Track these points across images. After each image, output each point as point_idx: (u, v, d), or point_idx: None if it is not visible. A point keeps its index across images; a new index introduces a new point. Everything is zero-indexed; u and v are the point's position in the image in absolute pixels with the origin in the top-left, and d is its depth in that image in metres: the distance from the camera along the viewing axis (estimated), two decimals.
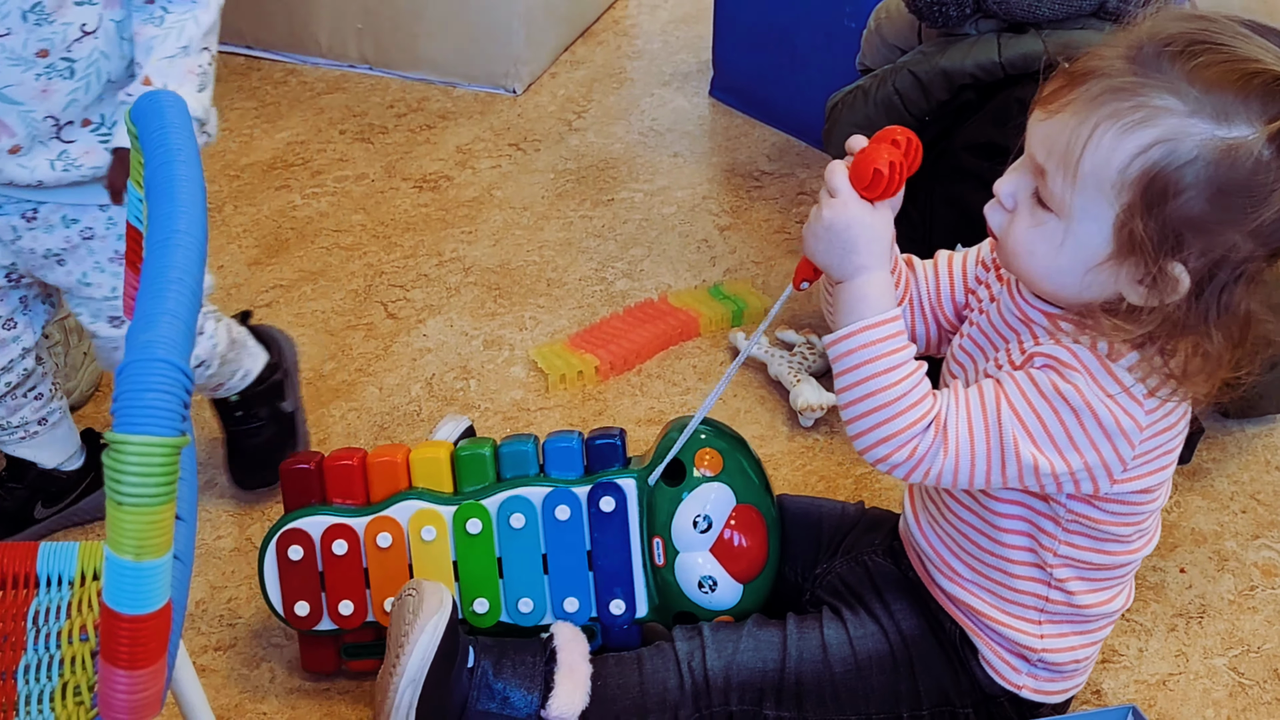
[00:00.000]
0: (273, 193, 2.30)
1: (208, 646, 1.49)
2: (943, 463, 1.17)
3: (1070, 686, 1.33)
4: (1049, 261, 1.13)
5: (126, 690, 0.69)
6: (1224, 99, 1.04)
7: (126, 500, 0.64)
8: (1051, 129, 1.10)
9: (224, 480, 1.71)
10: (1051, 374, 1.14)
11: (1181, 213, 1.05)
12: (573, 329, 1.99)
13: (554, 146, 2.47)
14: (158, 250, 0.71)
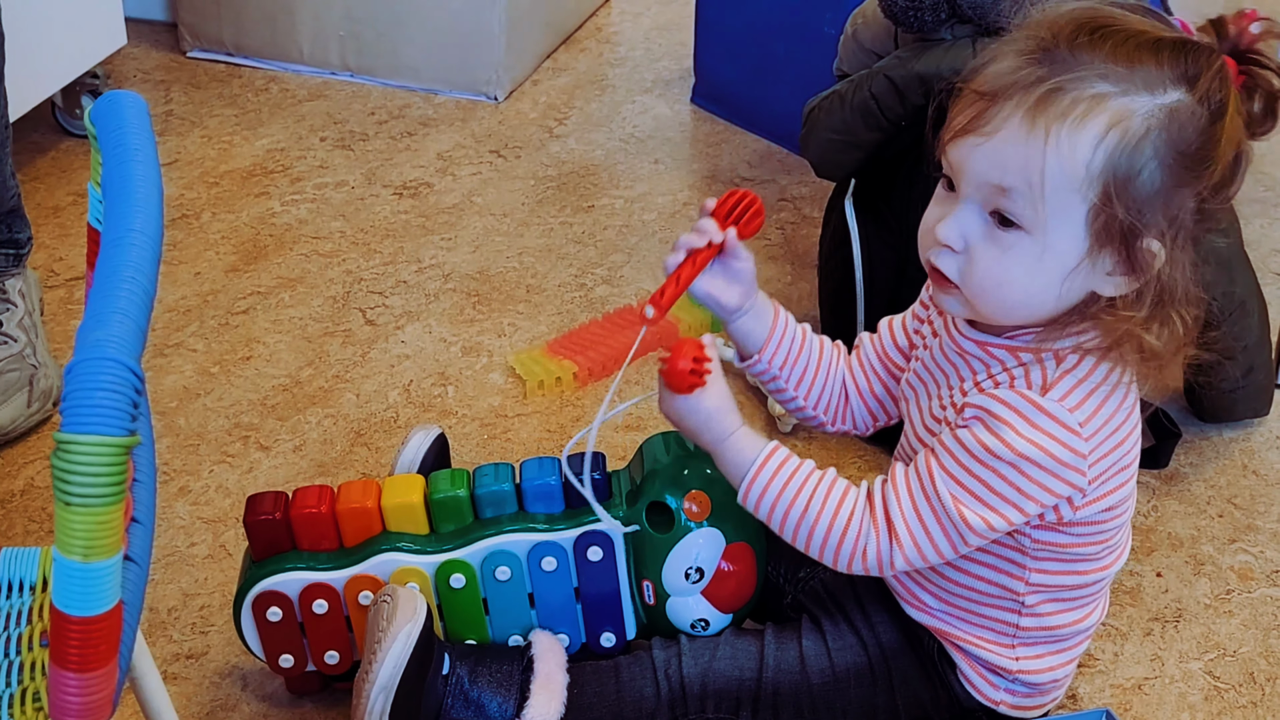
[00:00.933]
0: (252, 200, 2.30)
1: (179, 654, 1.48)
2: (902, 552, 1.18)
3: (1048, 700, 1.33)
4: (1026, 283, 1.12)
5: (77, 693, 0.68)
6: (1146, 70, 1.08)
7: (74, 500, 0.63)
8: (997, 149, 1.10)
9: (198, 486, 1.71)
10: (979, 428, 1.15)
11: (1147, 188, 1.08)
12: (551, 335, 1.99)
13: (535, 153, 2.46)
14: (112, 249, 0.71)
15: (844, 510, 1.19)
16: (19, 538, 1.62)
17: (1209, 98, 1.07)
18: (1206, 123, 1.08)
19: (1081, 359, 1.15)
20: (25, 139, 2.41)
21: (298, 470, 1.74)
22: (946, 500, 1.16)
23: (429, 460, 1.51)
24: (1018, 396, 1.14)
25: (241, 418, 1.83)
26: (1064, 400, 1.13)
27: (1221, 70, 1.08)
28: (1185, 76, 1.08)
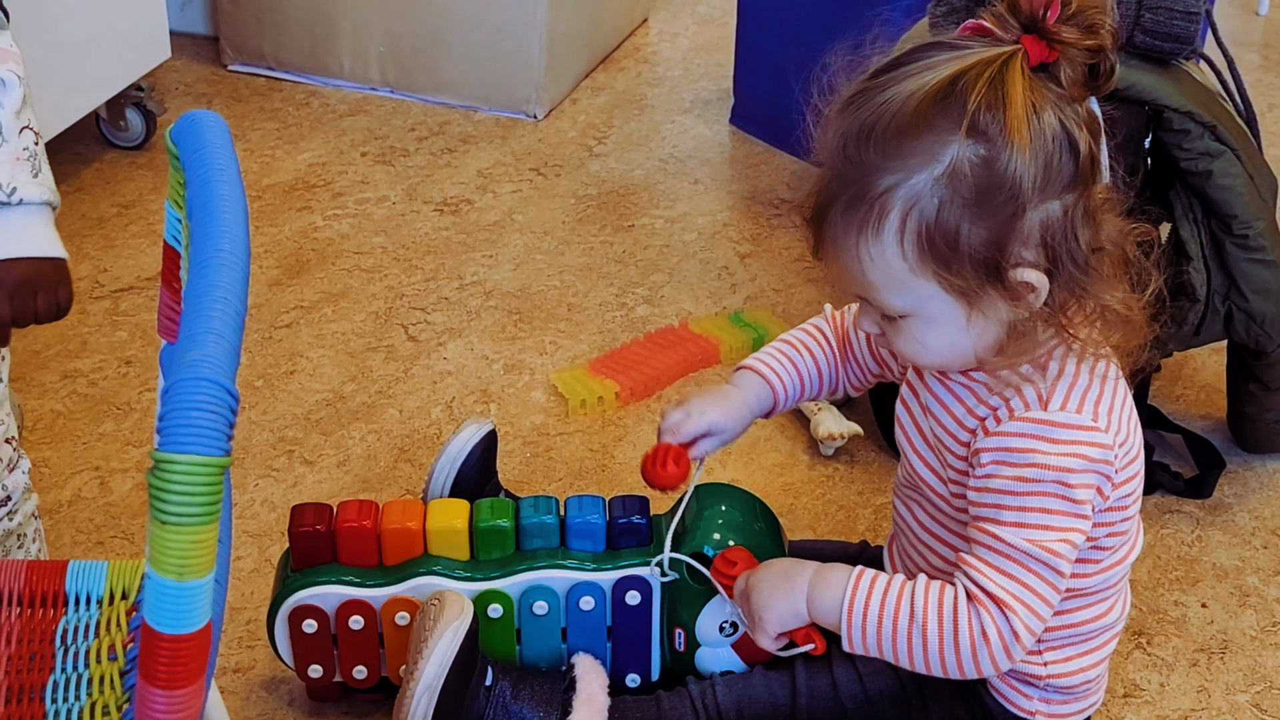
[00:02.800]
0: (294, 214, 2.31)
1: (226, 668, 1.49)
2: (1018, 618, 1.17)
3: (1086, 706, 1.33)
4: (937, 348, 1.17)
5: (164, 710, 0.68)
6: (917, 145, 1.08)
7: (171, 519, 0.64)
8: (836, 270, 1.16)
9: (243, 500, 1.71)
10: (1007, 469, 1.16)
11: (976, 243, 1.09)
12: (593, 354, 1.99)
13: (575, 172, 2.47)
14: (202, 270, 0.71)
15: (948, 605, 1.18)
16: (66, 549, 1.63)
17: (982, 124, 1.07)
18: (994, 151, 1.07)
19: (1063, 364, 1.17)
20: (69, 151, 2.42)
21: (341, 485, 1.74)
22: (1025, 545, 1.16)
23: (475, 455, 1.52)
24: (1026, 424, 1.16)
25: (286, 432, 1.83)
26: (1065, 407, 1.16)
27: (992, 78, 1.07)
28: (957, 116, 1.07)
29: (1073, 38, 1.09)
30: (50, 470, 1.75)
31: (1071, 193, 1.10)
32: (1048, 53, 1.09)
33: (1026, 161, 1.07)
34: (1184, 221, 1.61)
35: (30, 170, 1.22)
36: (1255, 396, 1.75)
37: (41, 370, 1.92)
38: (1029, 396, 1.17)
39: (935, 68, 1.09)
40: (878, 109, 1.10)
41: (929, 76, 1.09)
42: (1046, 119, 1.08)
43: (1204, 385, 1.95)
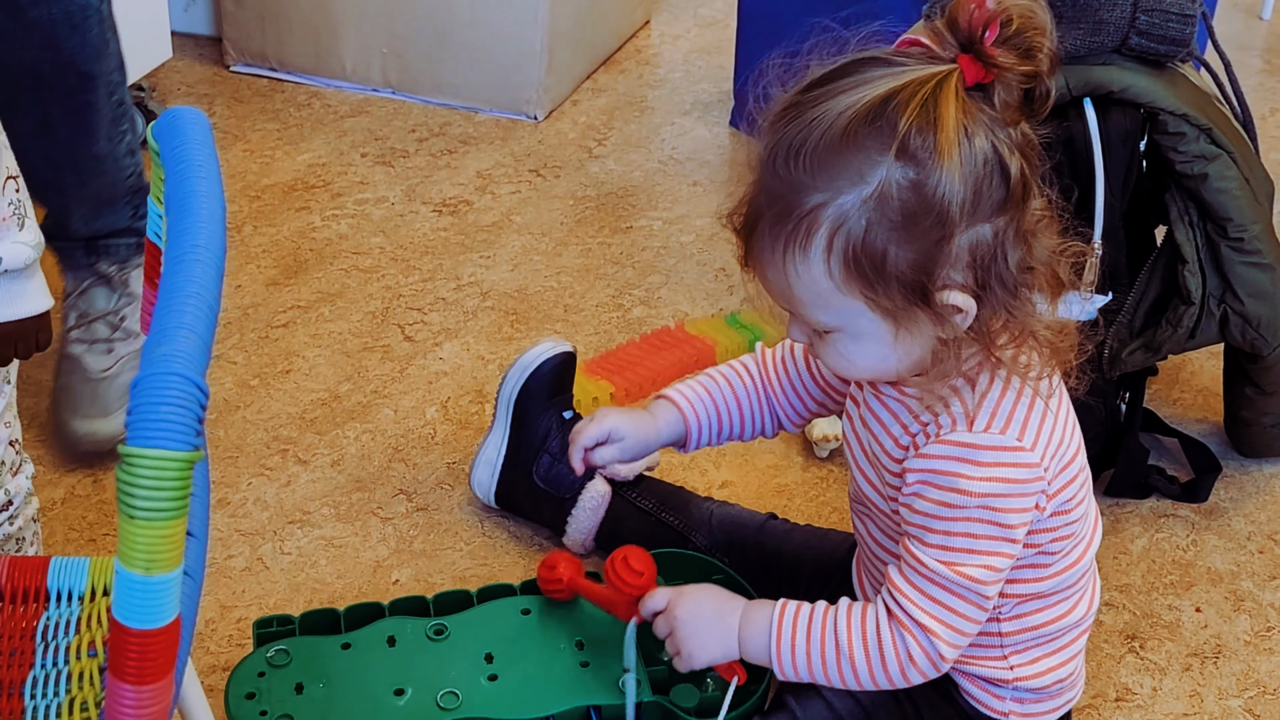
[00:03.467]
0: (293, 214, 2.31)
1: (215, 666, 1.49)
2: (941, 640, 1.20)
3: (1061, 703, 1.33)
4: (864, 361, 1.16)
5: (133, 705, 0.68)
6: (844, 165, 1.07)
7: (138, 514, 0.63)
8: (765, 283, 1.16)
9: (236, 498, 1.71)
10: (931, 491, 1.17)
11: (902, 265, 1.08)
12: (589, 355, 1.99)
13: (574, 173, 2.47)
14: (176, 265, 0.71)
15: (870, 630, 1.21)
16: (59, 546, 1.63)
17: (912, 146, 1.05)
18: (923, 175, 1.06)
19: (991, 379, 1.16)
20: None
21: (335, 485, 1.75)
22: (943, 571, 1.17)
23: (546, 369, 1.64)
24: (950, 446, 1.16)
25: (280, 431, 1.83)
26: (990, 428, 1.15)
27: (925, 100, 1.05)
28: (887, 137, 1.06)
29: (1009, 62, 1.07)
30: (45, 468, 1.75)
31: (1002, 216, 1.09)
32: (984, 74, 1.07)
33: (956, 186, 1.06)
34: (1179, 224, 1.61)
35: (16, 224, 1.21)
36: (1251, 400, 1.75)
37: (36, 368, 1.92)
38: (955, 413, 1.16)
39: (869, 84, 1.07)
40: (808, 125, 1.08)
41: (862, 94, 1.07)
42: (978, 142, 1.07)
43: (1201, 389, 1.94)
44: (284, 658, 1.37)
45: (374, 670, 1.37)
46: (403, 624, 1.42)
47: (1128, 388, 1.72)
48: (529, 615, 1.44)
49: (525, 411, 1.64)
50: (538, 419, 1.64)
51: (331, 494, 1.74)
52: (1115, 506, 1.74)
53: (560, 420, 1.64)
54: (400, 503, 1.73)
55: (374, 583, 1.61)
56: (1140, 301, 1.64)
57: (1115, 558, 1.67)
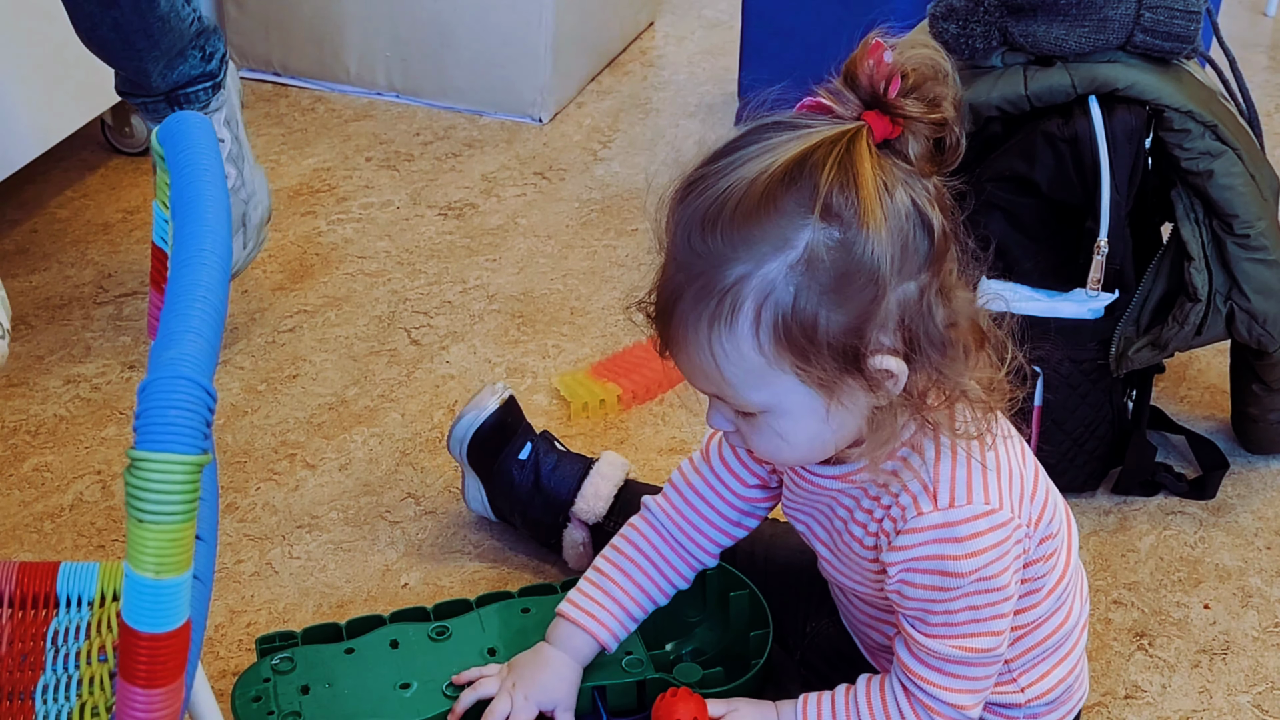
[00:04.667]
0: (298, 218, 2.31)
1: (225, 671, 1.49)
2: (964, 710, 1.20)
3: (1070, 707, 1.33)
4: (796, 442, 1.12)
5: (144, 709, 0.68)
6: (766, 228, 1.02)
7: (147, 517, 0.64)
8: (686, 367, 1.10)
9: (245, 503, 1.72)
10: (920, 578, 1.15)
11: (835, 330, 1.04)
12: (595, 358, 1.99)
13: (579, 176, 2.47)
14: (183, 269, 0.71)
15: (893, 711, 1.22)
16: (68, 552, 1.63)
17: (835, 206, 1.02)
18: (850, 234, 1.02)
19: (937, 445, 1.14)
20: (75, 157, 2.43)
21: (343, 489, 1.75)
22: (954, 653, 1.17)
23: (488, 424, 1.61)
24: (925, 531, 1.14)
25: (288, 436, 1.84)
26: (955, 500, 1.13)
27: (840, 158, 1.02)
28: (808, 199, 1.02)
29: (917, 111, 1.04)
30: (53, 474, 1.75)
31: (926, 271, 1.06)
32: (891, 128, 1.04)
33: (884, 243, 1.02)
34: (1185, 221, 1.61)
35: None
36: (1258, 397, 1.75)
37: (45, 375, 1.92)
38: (915, 491, 1.14)
39: (777, 149, 1.03)
40: (722, 195, 1.04)
41: (771, 158, 1.03)
42: (899, 197, 1.03)
43: (1208, 386, 1.94)
44: (288, 664, 1.37)
45: (378, 669, 1.37)
46: (404, 629, 1.42)
47: (1135, 385, 1.72)
48: (529, 614, 1.44)
49: (484, 467, 1.64)
50: (501, 471, 1.63)
51: (340, 498, 1.74)
52: (1123, 504, 1.74)
53: (519, 464, 1.62)
54: (409, 506, 1.73)
55: (383, 586, 1.61)
56: (1146, 299, 1.64)
57: (1123, 555, 1.67)
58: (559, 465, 1.62)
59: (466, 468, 1.65)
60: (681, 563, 1.36)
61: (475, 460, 1.64)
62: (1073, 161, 1.58)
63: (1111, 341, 1.64)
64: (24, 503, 1.71)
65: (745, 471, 1.33)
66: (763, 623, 1.42)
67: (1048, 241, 1.63)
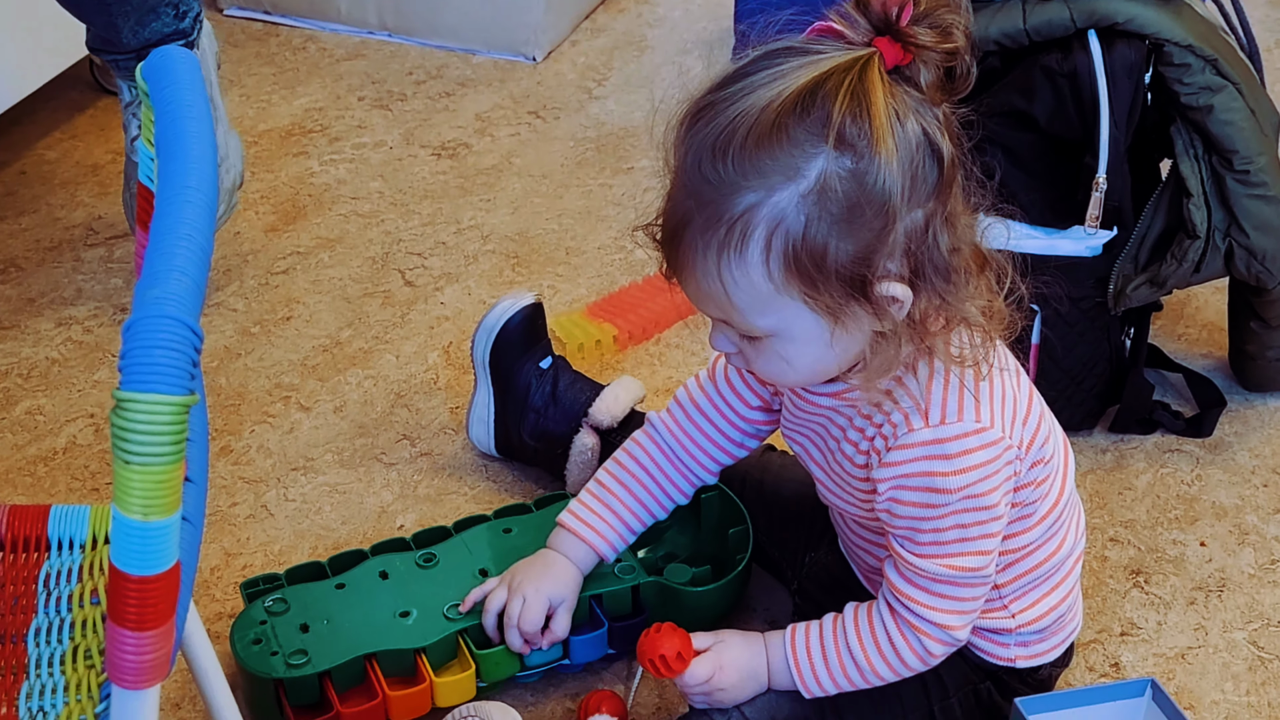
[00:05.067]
0: (290, 159, 2.29)
1: (222, 614, 1.49)
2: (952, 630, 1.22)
3: (1064, 638, 1.33)
4: (800, 364, 1.12)
5: (134, 651, 0.68)
6: (778, 158, 1.02)
7: (134, 459, 0.63)
8: (693, 292, 1.10)
9: (239, 445, 1.71)
10: (909, 495, 1.16)
11: (843, 259, 1.04)
12: (591, 298, 1.98)
13: (574, 115, 2.45)
14: (168, 207, 0.70)
15: (884, 640, 1.23)
16: (62, 495, 1.63)
17: (849, 136, 1.01)
18: (863, 165, 1.02)
19: (931, 366, 1.14)
20: (63, 97, 2.41)
21: (338, 431, 1.74)
22: (943, 571, 1.18)
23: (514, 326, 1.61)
24: (915, 447, 1.15)
25: (282, 378, 1.83)
26: (946, 418, 1.14)
27: (853, 86, 1.01)
28: (820, 129, 1.02)
29: (929, 40, 1.03)
30: (45, 417, 1.74)
31: (935, 200, 1.06)
32: (903, 55, 1.04)
33: (895, 173, 1.02)
34: (1184, 157, 1.59)
35: None
36: (1256, 334, 1.74)
37: (36, 317, 1.91)
38: (906, 408, 1.15)
39: (788, 75, 1.03)
40: (732, 122, 1.03)
41: (783, 85, 1.02)
42: (910, 126, 1.03)
43: (1206, 324, 1.93)
44: (281, 605, 1.37)
45: (374, 601, 1.38)
46: (390, 559, 1.44)
47: (1133, 323, 1.71)
48: (511, 534, 1.47)
49: (502, 371, 1.63)
50: (517, 376, 1.62)
51: (334, 440, 1.73)
52: (1120, 442, 1.73)
53: (539, 372, 1.62)
54: (404, 448, 1.72)
55: (378, 528, 1.61)
56: (1145, 236, 1.63)
57: (1120, 493, 1.66)
58: (576, 380, 1.64)
59: (483, 374, 1.64)
60: (682, 479, 1.39)
61: (496, 360, 1.62)
62: (1071, 97, 1.56)
63: (1109, 279, 1.63)
64: (17, 446, 1.70)
65: (749, 393, 1.35)
66: (739, 520, 1.45)
67: (1046, 178, 1.62)
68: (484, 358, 1.63)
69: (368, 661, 1.33)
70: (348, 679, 1.32)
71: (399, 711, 1.32)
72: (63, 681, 0.92)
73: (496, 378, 1.63)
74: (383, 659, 1.33)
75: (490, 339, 1.62)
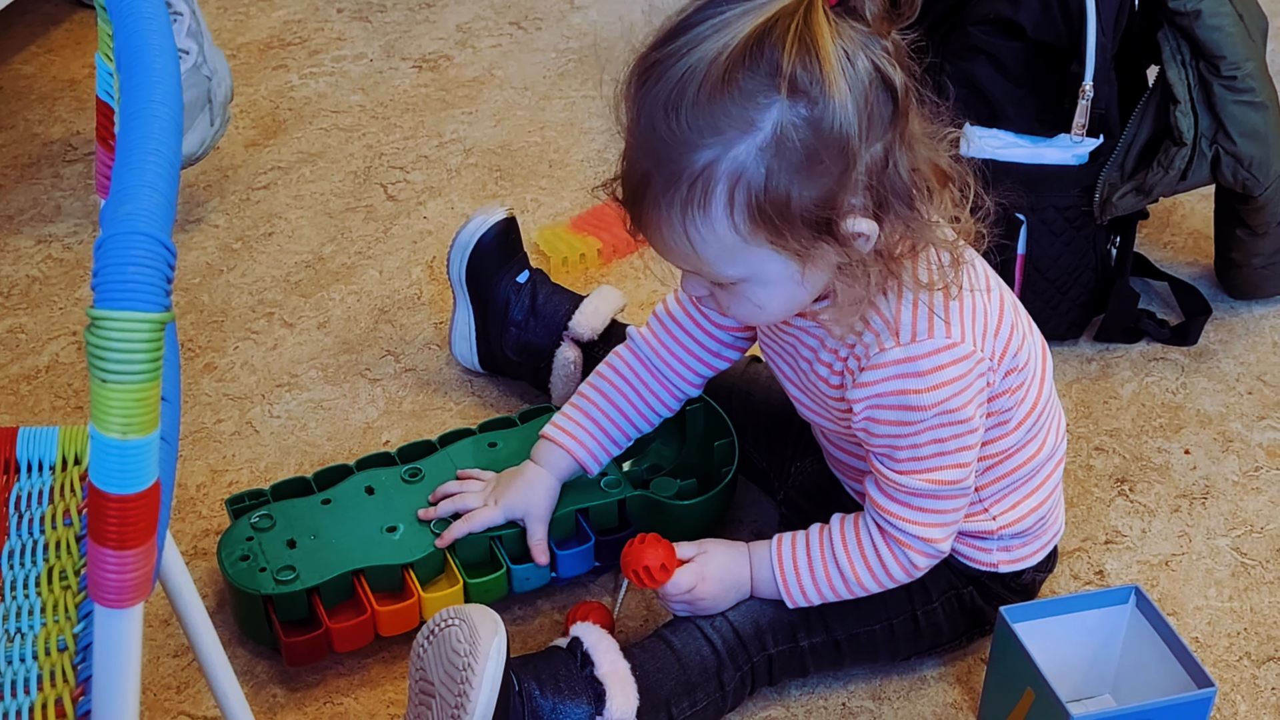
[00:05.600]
0: (269, 73, 2.27)
1: (209, 530, 1.49)
2: (934, 543, 1.23)
3: (1046, 541, 1.35)
4: (772, 304, 1.13)
5: (115, 570, 0.68)
6: (730, 114, 1.02)
7: (111, 378, 0.62)
8: (660, 248, 1.10)
9: (223, 363, 1.70)
10: (885, 414, 1.17)
11: (807, 203, 1.04)
12: (575, 211, 1.96)
13: (556, 25, 2.42)
14: (133, 122, 0.69)
15: (870, 553, 1.24)
16: (45, 414, 1.62)
17: (801, 83, 1.00)
18: (818, 110, 1.01)
19: (900, 286, 1.13)
20: (38, 11, 2.37)
21: (322, 347, 1.73)
22: (923, 485, 1.19)
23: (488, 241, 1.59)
24: (887, 367, 1.15)
25: (265, 294, 1.82)
26: (917, 335, 1.14)
27: (800, 32, 1.00)
28: (771, 79, 1.01)
29: None
30: (27, 336, 1.74)
31: (891, 130, 1.05)
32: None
33: (850, 114, 1.02)
34: (1171, 64, 1.58)
35: None
36: (1242, 242, 1.73)
37: (15, 235, 1.90)
38: (877, 328, 1.15)
39: (733, 24, 1.01)
40: (681, 78, 1.02)
41: (728, 35, 1.01)
42: (860, 64, 1.02)
43: (1192, 232, 1.93)
44: (268, 521, 1.37)
45: (360, 516, 1.38)
46: (376, 474, 1.44)
47: (1118, 232, 1.71)
48: (496, 448, 1.47)
49: (479, 287, 1.62)
50: (494, 292, 1.61)
51: (319, 356, 1.73)
52: (1105, 351, 1.74)
53: (516, 287, 1.61)
54: (388, 364, 1.72)
55: (364, 444, 1.60)
56: (1131, 144, 1.62)
57: (1105, 402, 1.67)
58: (555, 293, 1.63)
59: (460, 292, 1.63)
60: (665, 391, 1.39)
61: (472, 277, 1.61)
62: (1058, 3, 1.55)
63: (1095, 188, 1.62)
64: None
65: None
66: (724, 432, 1.46)
67: (1032, 86, 1.61)
68: (460, 275, 1.62)
69: (355, 577, 1.34)
70: (336, 594, 1.33)
71: (387, 626, 1.33)
72: (39, 603, 0.91)
73: (474, 295, 1.62)
74: (370, 574, 1.34)
75: (465, 256, 1.61)
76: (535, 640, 1.39)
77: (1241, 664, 1.38)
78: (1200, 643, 1.40)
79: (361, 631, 1.32)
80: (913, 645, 1.35)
